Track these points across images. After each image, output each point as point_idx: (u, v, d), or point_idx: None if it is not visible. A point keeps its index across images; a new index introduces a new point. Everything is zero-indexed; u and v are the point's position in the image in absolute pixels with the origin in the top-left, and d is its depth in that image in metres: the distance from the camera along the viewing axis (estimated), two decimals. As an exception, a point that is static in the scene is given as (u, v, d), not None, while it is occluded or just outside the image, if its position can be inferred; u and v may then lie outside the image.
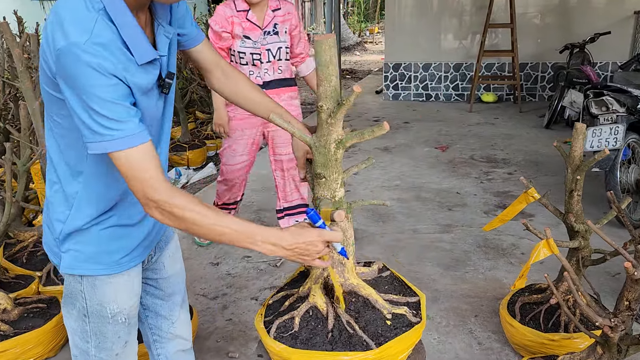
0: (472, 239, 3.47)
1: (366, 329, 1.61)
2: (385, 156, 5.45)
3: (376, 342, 1.57)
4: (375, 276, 1.85)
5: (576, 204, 2.09)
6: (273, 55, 2.98)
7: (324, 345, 1.59)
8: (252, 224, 1.24)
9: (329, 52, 1.35)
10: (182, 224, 1.17)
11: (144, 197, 1.15)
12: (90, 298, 1.36)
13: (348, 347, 1.57)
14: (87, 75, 1.06)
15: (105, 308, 1.36)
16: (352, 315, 1.65)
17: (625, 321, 1.57)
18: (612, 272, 2.95)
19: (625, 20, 7.37)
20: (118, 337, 1.42)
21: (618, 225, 3.42)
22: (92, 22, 1.08)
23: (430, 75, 8.26)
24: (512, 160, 5.17)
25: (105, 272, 1.34)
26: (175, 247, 1.60)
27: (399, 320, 1.65)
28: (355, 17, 24.46)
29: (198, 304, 2.80)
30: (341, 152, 1.50)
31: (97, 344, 1.41)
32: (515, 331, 2.21)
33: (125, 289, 1.39)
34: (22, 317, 2.38)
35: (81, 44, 1.05)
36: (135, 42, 1.14)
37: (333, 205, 1.54)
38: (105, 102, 1.08)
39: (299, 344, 1.60)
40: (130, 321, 1.44)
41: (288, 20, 3.00)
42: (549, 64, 7.74)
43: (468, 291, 2.84)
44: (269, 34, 2.95)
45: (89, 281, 1.34)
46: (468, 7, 7.97)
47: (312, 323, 1.66)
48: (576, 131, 2.04)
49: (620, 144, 3.33)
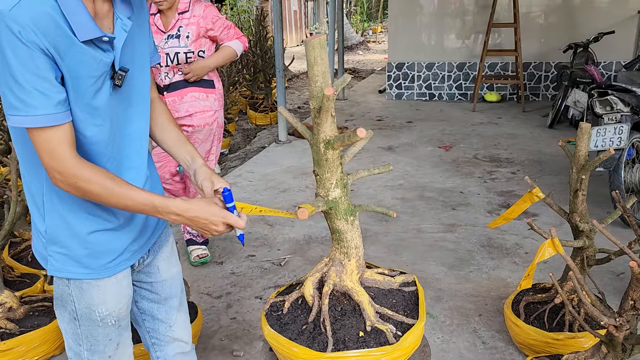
0: (475, 238, 3.47)
1: (337, 332, 1.60)
2: (388, 155, 5.45)
3: (335, 348, 1.56)
4: (394, 287, 1.77)
5: (581, 203, 2.09)
6: (171, 59, 2.85)
7: (293, 333, 1.63)
8: (156, 195, 1.25)
9: (313, 52, 1.37)
10: (89, 196, 1.20)
11: (51, 168, 1.16)
12: (78, 301, 1.35)
13: (309, 343, 1.59)
14: (10, 45, 1.04)
15: (94, 311, 1.36)
16: (335, 315, 1.66)
17: (630, 320, 1.57)
18: (617, 272, 2.94)
19: (629, 20, 7.35)
20: (109, 339, 1.42)
21: (622, 225, 3.42)
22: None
23: (434, 74, 8.25)
24: (515, 159, 5.17)
25: (92, 276, 1.33)
26: (170, 250, 1.58)
27: (374, 336, 1.59)
28: (358, 17, 24.45)
29: (202, 303, 2.81)
30: (332, 152, 1.51)
31: (89, 347, 1.41)
32: (520, 330, 2.21)
33: (113, 292, 1.37)
34: (28, 316, 2.39)
35: (6, 12, 1.03)
36: (76, 17, 1.10)
37: (326, 204, 1.56)
38: (25, 74, 1.06)
39: (276, 325, 1.67)
40: (120, 323, 1.42)
41: (195, 24, 2.86)
42: (553, 63, 7.73)
43: (472, 290, 2.85)
44: (171, 37, 2.85)
45: (77, 284, 1.33)
46: (471, 6, 7.96)
47: (298, 311, 1.72)
48: (581, 131, 2.04)
49: (625, 144, 3.33)
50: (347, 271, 1.69)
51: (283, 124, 6.16)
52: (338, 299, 1.71)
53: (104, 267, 1.34)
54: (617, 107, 3.42)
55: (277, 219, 3.89)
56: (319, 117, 1.45)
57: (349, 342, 1.57)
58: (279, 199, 4.31)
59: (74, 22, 1.10)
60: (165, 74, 2.92)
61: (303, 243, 3.49)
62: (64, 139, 1.14)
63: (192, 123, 2.98)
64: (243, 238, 1.42)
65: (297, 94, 10.17)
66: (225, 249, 3.44)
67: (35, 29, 1.05)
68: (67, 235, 1.30)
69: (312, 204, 1.53)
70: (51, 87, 1.10)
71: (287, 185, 4.65)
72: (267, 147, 6.07)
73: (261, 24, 7.88)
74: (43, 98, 1.09)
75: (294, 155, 5.58)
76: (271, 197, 4.37)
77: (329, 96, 1.36)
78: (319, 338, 1.60)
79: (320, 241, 3.51)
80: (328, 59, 1.42)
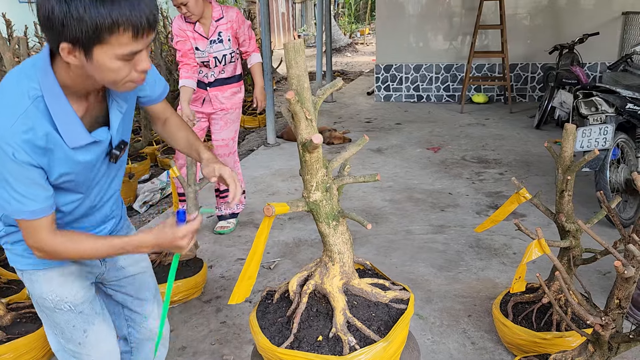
0: (464, 239, 3.50)
1: (301, 331, 1.62)
2: (377, 157, 5.47)
3: (289, 346, 1.57)
4: (382, 301, 1.72)
5: (567, 204, 2.12)
6: (219, 61, 3.42)
7: (267, 322, 1.68)
8: (117, 238, 1.37)
9: (288, 56, 1.41)
10: (66, 258, 1.39)
11: (34, 247, 1.32)
12: (32, 291, 1.49)
13: (272, 334, 1.63)
14: (5, 163, 1.18)
15: (46, 299, 1.48)
16: (309, 315, 1.67)
17: (616, 319, 1.59)
18: (603, 271, 2.98)
19: (613, 21, 7.45)
20: (72, 326, 1.52)
21: (608, 225, 3.46)
22: (20, 110, 1.17)
23: (422, 76, 8.30)
24: (503, 160, 5.21)
25: (36, 267, 1.45)
26: None
27: (332, 344, 1.59)
28: (346, 19, 24.52)
29: (192, 307, 2.80)
30: (309, 155, 1.52)
31: (61, 334, 1.54)
32: (508, 330, 2.23)
33: (60, 281, 1.48)
34: (15, 322, 2.36)
35: (4, 131, 1.16)
36: (67, 128, 1.23)
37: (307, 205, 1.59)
38: (18, 183, 1.20)
39: (260, 312, 1.72)
40: (79, 309, 1.51)
41: (230, 28, 3.39)
42: (539, 64, 7.81)
43: (461, 291, 2.86)
44: (214, 42, 3.36)
45: (27, 275, 1.47)
46: (458, 8, 8.02)
47: (282, 303, 1.77)
48: (566, 132, 2.06)
49: (610, 144, 3.37)
50: (329, 275, 1.69)
51: (272, 126, 6.15)
52: (318, 300, 1.72)
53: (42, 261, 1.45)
54: (602, 108, 3.46)
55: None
56: (293, 120, 1.48)
57: (304, 344, 1.59)
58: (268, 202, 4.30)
59: (64, 132, 1.23)
60: (212, 73, 3.45)
61: (293, 246, 3.49)
62: (45, 225, 1.28)
63: (226, 107, 3.55)
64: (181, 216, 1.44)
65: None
66: (214, 253, 3.43)
67: (27, 149, 1.18)
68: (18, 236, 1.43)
69: (290, 203, 1.55)
70: (42, 190, 1.25)
71: (276, 188, 4.64)
72: (255, 149, 6.06)
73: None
74: (33, 198, 1.24)
75: (282, 158, 5.58)
76: (260, 200, 4.36)
77: (289, 99, 1.40)
78: (284, 332, 1.64)
79: (309, 244, 3.51)
80: (304, 62, 1.43)
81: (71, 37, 1.10)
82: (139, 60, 1.19)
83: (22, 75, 1.20)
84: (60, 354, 1.60)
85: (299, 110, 1.43)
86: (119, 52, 1.14)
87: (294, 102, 1.41)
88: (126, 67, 1.18)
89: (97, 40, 1.11)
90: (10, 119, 1.16)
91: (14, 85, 1.19)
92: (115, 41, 1.12)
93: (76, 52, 1.13)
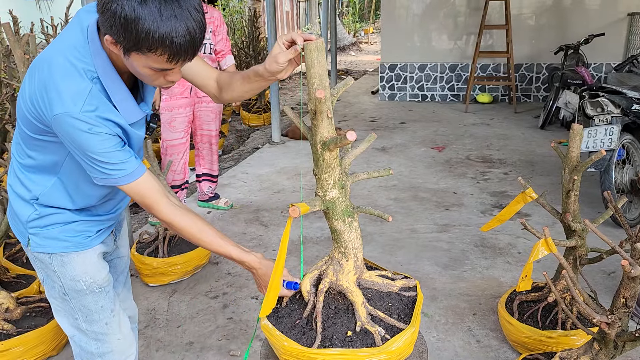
0: (469, 238, 3.51)
1: (327, 330, 1.63)
2: (382, 156, 5.48)
3: (321, 345, 1.58)
4: (393, 291, 1.76)
5: (573, 203, 2.13)
6: (202, 50, 3.58)
7: (286, 327, 1.67)
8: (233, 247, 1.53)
9: (311, 55, 1.41)
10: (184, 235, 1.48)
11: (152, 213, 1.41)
12: (62, 275, 1.49)
13: (299, 337, 1.62)
14: (83, 138, 1.24)
15: (79, 281, 1.50)
16: (328, 313, 1.68)
17: (622, 318, 1.61)
18: (608, 271, 2.99)
19: (619, 22, 7.44)
20: (101, 306, 1.55)
21: (612, 225, 3.47)
22: (86, 91, 1.23)
23: (426, 75, 8.30)
24: (507, 160, 5.22)
25: (72, 249, 1.48)
26: (124, 229, 1.79)
27: (362, 337, 1.60)
28: (350, 17, 24.50)
29: (199, 303, 2.82)
30: (329, 154, 1.53)
31: (85, 318, 1.55)
32: (513, 328, 2.25)
33: (92, 262, 1.52)
34: (25, 317, 2.39)
35: (76, 113, 1.21)
36: (124, 105, 1.31)
37: (323, 204, 1.60)
38: (103, 154, 1.27)
39: (272, 317, 1.72)
40: (105, 289, 1.56)
41: (211, 23, 3.73)
42: (544, 65, 7.80)
43: (466, 290, 2.88)
44: None
45: (59, 259, 1.48)
46: (463, 8, 8.02)
47: (295, 306, 1.76)
48: (573, 132, 2.07)
49: (615, 145, 3.38)
50: (344, 271, 1.70)
51: (276, 124, 6.17)
52: (334, 297, 1.72)
53: (80, 243, 1.49)
54: (608, 109, 3.47)
55: (272, 220, 3.91)
56: (315, 119, 1.47)
57: (336, 341, 1.59)
58: (274, 200, 4.32)
59: (122, 109, 1.31)
60: None
61: (298, 244, 3.51)
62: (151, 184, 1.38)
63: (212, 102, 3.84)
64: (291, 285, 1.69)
65: (290, 95, 10.18)
66: (220, 250, 3.45)
67: (100, 123, 1.25)
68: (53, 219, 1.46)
69: (308, 203, 1.55)
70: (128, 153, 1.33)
71: (281, 186, 4.66)
72: (260, 147, 6.08)
73: (254, 24, 7.89)
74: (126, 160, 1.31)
75: (287, 156, 5.60)
76: (266, 197, 4.38)
77: (320, 99, 1.39)
78: (309, 333, 1.63)
79: (315, 241, 3.53)
80: (325, 61, 1.44)
81: (115, 36, 1.17)
82: (170, 72, 1.27)
83: (71, 57, 1.24)
84: (77, 338, 1.60)
85: (324, 110, 1.43)
86: (152, 65, 1.21)
87: (323, 101, 1.41)
88: (156, 75, 1.26)
89: (136, 48, 1.17)
90: (78, 103, 1.22)
91: (69, 69, 1.23)
92: (152, 56, 1.19)
93: (118, 46, 1.20)
